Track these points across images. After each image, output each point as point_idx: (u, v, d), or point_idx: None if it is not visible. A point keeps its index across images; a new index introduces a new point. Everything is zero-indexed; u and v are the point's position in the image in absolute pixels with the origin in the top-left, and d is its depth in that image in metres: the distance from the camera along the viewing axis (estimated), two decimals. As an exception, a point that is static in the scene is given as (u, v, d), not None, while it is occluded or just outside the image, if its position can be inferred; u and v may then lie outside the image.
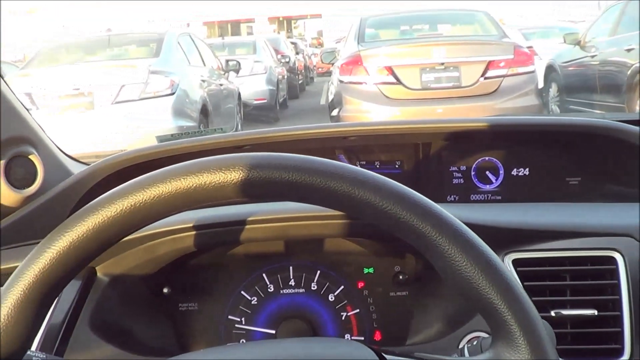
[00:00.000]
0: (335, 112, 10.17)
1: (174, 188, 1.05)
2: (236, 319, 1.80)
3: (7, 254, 1.81)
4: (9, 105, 1.90)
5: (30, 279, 1.06)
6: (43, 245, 1.08)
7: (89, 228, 1.06)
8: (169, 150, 2.10)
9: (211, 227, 1.69)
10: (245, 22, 53.49)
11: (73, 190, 2.01)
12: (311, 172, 1.04)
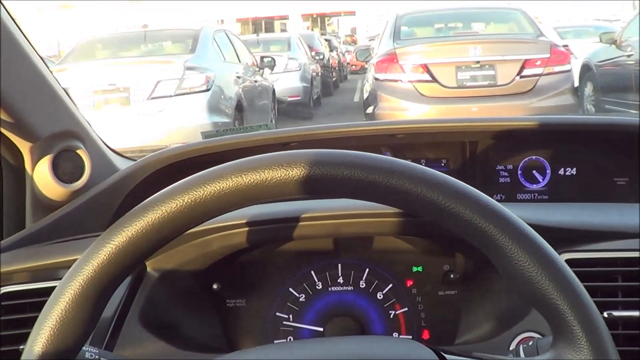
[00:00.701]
0: (370, 110, 10.16)
1: (234, 184, 1.05)
2: (284, 316, 1.79)
3: (55, 248, 1.82)
4: (58, 99, 1.91)
5: (88, 275, 1.06)
6: (101, 241, 1.07)
7: (147, 224, 1.06)
8: (215, 146, 2.10)
9: (264, 223, 1.68)
10: (278, 19, 53.58)
11: (121, 185, 2.01)
12: (372, 169, 1.03)
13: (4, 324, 1.64)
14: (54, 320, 1.06)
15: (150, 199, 1.08)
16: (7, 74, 1.72)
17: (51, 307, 1.07)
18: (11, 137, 1.84)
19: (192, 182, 1.07)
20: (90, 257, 1.07)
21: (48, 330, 1.06)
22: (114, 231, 1.07)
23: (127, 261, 1.08)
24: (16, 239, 1.86)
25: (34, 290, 1.67)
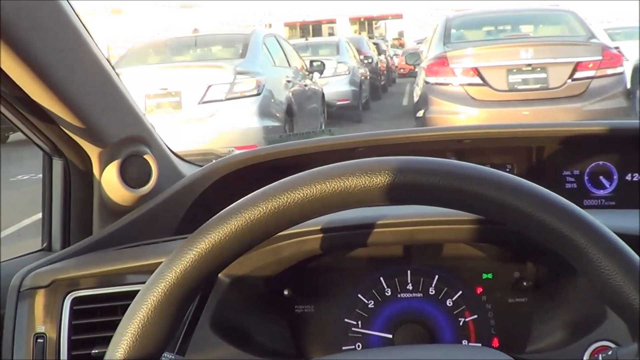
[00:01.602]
0: (420, 113, 10.13)
1: (318, 191, 1.04)
2: (352, 322, 1.78)
3: (124, 254, 1.83)
4: (126, 104, 1.92)
5: (171, 280, 1.07)
6: (185, 247, 1.08)
7: (231, 230, 1.06)
8: (281, 151, 2.10)
9: (338, 230, 1.68)
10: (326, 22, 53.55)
11: (189, 191, 2.03)
12: (459, 177, 1.03)
13: (74, 328, 1.66)
14: (137, 325, 1.07)
15: (234, 205, 1.08)
16: (79, 79, 1.73)
17: (134, 312, 1.08)
18: (81, 143, 1.85)
19: (276, 189, 1.07)
20: (173, 263, 1.07)
21: (130, 336, 1.07)
22: (197, 237, 1.08)
23: (210, 267, 1.08)
24: (85, 244, 1.87)
25: (104, 294, 1.68)
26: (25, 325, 1.66)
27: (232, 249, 1.08)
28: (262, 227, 1.07)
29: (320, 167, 1.08)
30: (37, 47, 1.58)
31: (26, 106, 1.72)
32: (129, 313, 1.08)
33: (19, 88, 1.64)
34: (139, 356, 1.07)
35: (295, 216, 1.07)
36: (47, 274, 1.69)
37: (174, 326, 1.10)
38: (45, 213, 2.04)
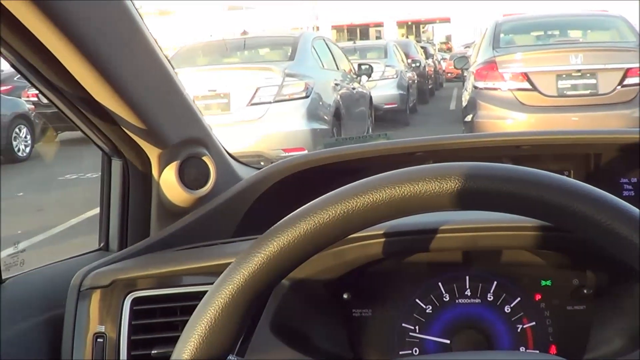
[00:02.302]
0: (469, 118, 10.10)
1: (387, 196, 1.04)
2: (410, 327, 1.77)
3: (182, 255, 1.84)
4: (186, 106, 1.93)
5: (239, 283, 1.07)
6: (253, 249, 1.08)
7: (300, 233, 1.06)
8: (340, 155, 2.10)
9: (402, 234, 1.67)
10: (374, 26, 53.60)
11: (247, 193, 2.03)
12: (530, 184, 1.02)
13: (134, 328, 1.67)
14: (204, 327, 1.07)
15: (304, 208, 1.08)
16: (143, 81, 1.75)
17: (201, 314, 1.08)
18: (141, 144, 1.87)
19: (345, 192, 1.07)
20: (242, 265, 1.08)
21: (197, 337, 1.07)
22: (266, 240, 1.08)
23: (277, 270, 1.08)
24: (144, 245, 1.88)
25: (164, 295, 1.69)
26: (85, 324, 1.67)
27: (301, 252, 1.08)
28: (330, 230, 1.07)
29: (390, 171, 1.08)
30: (104, 48, 1.59)
31: (89, 107, 1.74)
32: (196, 314, 1.08)
33: (83, 89, 1.66)
34: (204, 358, 1.07)
35: (364, 220, 1.07)
36: (108, 274, 1.70)
37: (241, 329, 1.10)
38: (103, 213, 2.06)
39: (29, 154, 14.62)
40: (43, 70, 1.63)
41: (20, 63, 1.62)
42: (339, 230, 1.08)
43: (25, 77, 1.69)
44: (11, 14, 1.43)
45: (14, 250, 1.88)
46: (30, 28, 1.47)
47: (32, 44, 1.52)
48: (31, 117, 14.99)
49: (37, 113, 15.51)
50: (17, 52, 1.57)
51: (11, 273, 1.80)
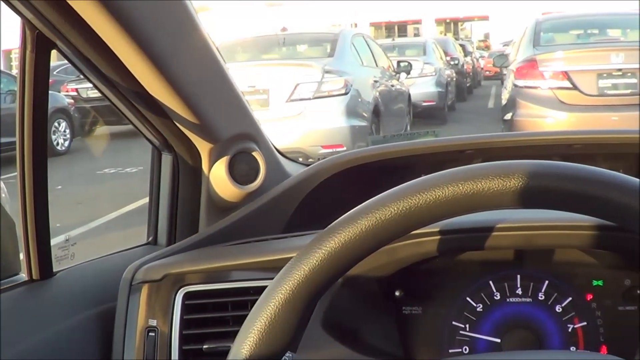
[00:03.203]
0: (508, 116, 10.04)
1: (450, 193, 1.03)
2: (460, 325, 1.76)
3: (236, 250, 1.84)
4: (238, 101, 1.94)
5: (299, 279, 1.06)
6: (313, 245, 1.07)
7: (361, 230, 1.06)
8: (389, 152, 2.09)
9: (457, 232, 1.66)
10: (412, 23, 53.46)
11: (297, 190, 2.03)
12: (595, 183, 1.01)
13: (185, 322, 1.67)
14: (264, 322, 1.07)
15: (365, 205, 1.08)
16: (197, 76, 1.75)
17: (261, 310, 1.08)
18: (192, 138, 1.87)
19: (407, 189, 1.06)
20: (302, 261, 1.07)
21: (257, 333, 1.07)
22: (327, 235, 1.07)
23: (338, 267, 1.08)
24: (195, 240, 1.89)
25: (216, 290, 1.69)
26: (137, 318, 1.67)
27: (361, 249, 1.07)
28: (392, 227, 1.06)
29: (452, 169, 1.07)
30: (160, 42, 1.60)
31: (142, 101, 1.74)
32: (256, 309, 1.08)
33: (138, 83, 1.67)
34: (264, 353, 1.06)
35: (426, 218, 1.06)
36: (159, 268, 1.71)
37: (300, 325, 1.10)
38: (152, 207, 2.06)
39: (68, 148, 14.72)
40: (99, 63, 1.64)
41: (76, 56, 1.63)
42: (400, 227, 1.07)
43: (80, 70, 1.70)
44: (71, 8, 1.44)
45: (65, 243, 1.88)
46: (89, 22, 1.48)
47: (90, 37, 1.53)
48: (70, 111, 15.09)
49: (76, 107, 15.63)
50: (74, 46, 1.57)
51: (62, 266, 1.81)
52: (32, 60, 1.54)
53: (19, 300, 1.65)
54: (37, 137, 1.59)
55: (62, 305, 1.70)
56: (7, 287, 1.65)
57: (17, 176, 1.60)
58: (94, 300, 1.76)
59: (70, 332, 1.65)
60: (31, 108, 1.56)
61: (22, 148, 1.58)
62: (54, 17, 1.48)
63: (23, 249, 1.66)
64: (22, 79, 1.55)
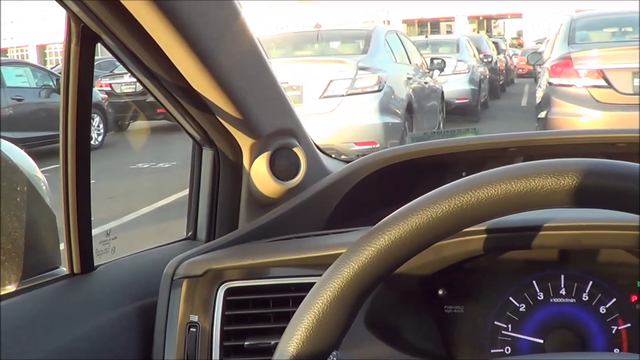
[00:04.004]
0: (542, 115, 9.97)
1: (502, 191, 1.01)
2: (502, 325, 1.74)
3: (277, 246, 1.83)
4: (280, 97, 1.93)
5: (348, 276, 1.05)
6: (362, 242, 1.06)
7: (411, 227, 1.04)
8: (431, 149, 2.07)
9: (504, 231, 1.64)
10: (444, 20, 53.38)
11: (338, 186, 2.02)
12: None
13: (227, 319, 1.66)
14: (311, 320, 1.05)
15: (416, 202, 1.06)
16: (241, 71, 1.75)
17: (308, 307, 1.06)
18: (234, 133, 1.86)
19: (458, 187, 1.04)
20: (351, 258, 1.06)
21: (304, 330, 1.05)
22: (377, 232, 1.06)
23: (387, 265, 1.06)
24: (235, 236, 1.88)
25: (258, 286, 1.68)
26: (178, 314, 1.67)
27: (411, 247, 1.06)
28: (443, 225, 1.04)
29: (505, 166, 1.05)
30: (205, 37, 1.60)
31: (186, 95, 1.74)
32: (304, 306, 1.07)
33: (182, 77, 1.67)
34: (311, 351, 1.05)
35: (477, 216, 1.04)
36: (201, 264, 1.70)
37: (348, 323, 1.08)
38: (191, 202, 2.06)
39: (102, 143, 14.84)
40: (143, 57, 1.64)
41: (120, 50, 1.63)
42: (451, 225, 1.05)
43: (124, 63, 1.70)
44: (117, 2, 1.44)
45: (106, 236, 1.88)
46: (135, 16, 1.48)
47: (136, 31, 1.53)
48: (104, 106, 15.21)
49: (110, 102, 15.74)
50: (119, 39, 1.57)
51: (102, 260, 1.81)
52: (76, 53, 1.53)
53: (60, 294, 1.65)
54: (81, 130, 1.58)
55: (103, 300, 1.70)
56: (48, 280, 1.65)
57: (60, 169, 1.60)
58: (134, 295, 1.75)
59: (111, 326, 1.65)
60: (75, 101, 1.56)
61: (66, 141, 1.58)
62: (99, 10, 1.48)
63: (64, 242, 1.66)
64: (66, 73, 1.55)
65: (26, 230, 1.65)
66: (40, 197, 1.72)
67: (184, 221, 2.11)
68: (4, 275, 1.62)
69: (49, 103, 14.63)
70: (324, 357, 1.09)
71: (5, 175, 1.62)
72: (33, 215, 1.68)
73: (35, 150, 9.18)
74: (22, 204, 1.65)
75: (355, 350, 1.59)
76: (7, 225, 1.61)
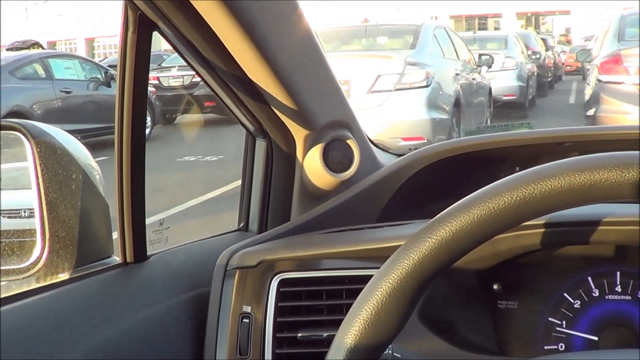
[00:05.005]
0: (591, 112, 9.88)
1: (567, 184, 0.99)
2: (557, 322, 1.72)
3: (331, 238, 1.82)
4: (335, 88, 1.92)
5: (408, 267, 1.04)
6: (423, 234, 1.05)
7: (472, 219, 1.03)
8: (484, 143, 2.05)
9: (562, 225, 1.61)
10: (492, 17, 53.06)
11: (391, 179, 2.00)
12: None
13: (280, 310, 1.65)
14: (370, 311, 1.05)
15: (477, 194, 1.05)
16: (298, 61, 1.74)
17: (367, 298, 1.05)
18: (288, 125, 1.86)
19: (521, 179, 1.03)
20: (410, 250, 1.04)
21: (362, 322, 1.04)
22: (437, 224, 1.04)
23: (447, 257, 1.05)
24: (288, 227, 1.88)
25: (311, 278, 1.68)
26: (231, 304, 1.67)
27: (472, 239, 1.05)
28: (505, 218, 1.03)
29: (567, 159, 1.03)
30: (263, 27, 1.59)
31: (241, 85, 1.74)
32: (363, 297, 1.06)
33: (239, 67, 1.66)
34: (369, 343, 1.04)
35: (540, 208, 1.03)
36: (255, 254, 1.70)
37: (407, 315, 1.07)
38: (244, 193, 2.05)
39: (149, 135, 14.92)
40: (200, 46, 1.64)
41: (177, 38, 1.62)
42: (513, 217, 1.04)
43: (180, 52, 1.70)
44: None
45: (159, 226, 1.88)
46: (193, 4, 1.47)
47: (193, 19, 1.53)
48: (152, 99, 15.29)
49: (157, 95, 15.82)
50: (176, 27, 1.57)
51: (155, 250, 1.81)
52: (133, 41, 1.53)
53: (114, 283, 1.65)
54: (136, 118, 1.58)
55: (156, 289, 1.70)
56: (101, 269, 1.66)
57: (115, 157, 1.60)
58: (186, 285, 1.75)
59: (163, 316, 1.65)
60: (131, 89, 1.55)
61: (121, 129, 1.58)
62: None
63: (118, 231, 1.67)
64: (122, 61, 1.55)
65: (80, 219, 1.65)
66: (94, 186, 1.72)
67: (231, 214, 2.11)
68: (57, 263, 1.62)
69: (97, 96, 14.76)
70: (381, 349, 1.08)
71: (62, 163, 1.63)
72: (87, 203, 1.68)
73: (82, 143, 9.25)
74: (77, 192, 1.65)
75: (407, 343, 1.57)
76: (62, 212, 1.62)
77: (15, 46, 18.80)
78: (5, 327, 1.36)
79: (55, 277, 1.62)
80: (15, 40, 21.35)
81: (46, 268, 1.61)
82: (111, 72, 15.10)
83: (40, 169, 1.59)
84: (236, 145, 2.08)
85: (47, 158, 1.60)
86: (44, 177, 1.59)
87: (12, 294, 1.46)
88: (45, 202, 1.59)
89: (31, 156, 1.60)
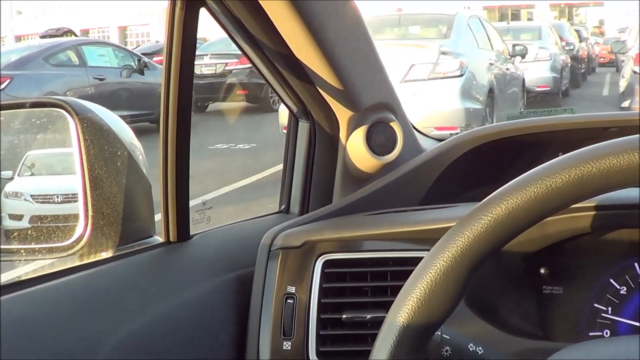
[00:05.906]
0: (626, 104, 9.83)
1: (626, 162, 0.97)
2: (602, 308, 1.69)
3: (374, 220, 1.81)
4: (381, 70, 1.91)
5: (462, 246, 1.02)
6: (477, 212, 1.03)
7: (529, 197, 1.01)
8: (527, 127, 2.03)
9: (614, 208, 1.59)
10: (525, 7, 52.74)
11: (434, 163, 1.98)
12: None
13: (324, 291, 1.64)
14: (423, 290, 1.03)
15: (533, 172, 1.03)
16: (346, 42, 1.74)
17: (420, 277, 1.04)
18: (333, 106, 1.85)
19: (578, 156, 1.00)
20: (465, 228, 1.03)
21: (415, 301, 1.03)
22: (492, 202, 1.03)
23: (501, 236, 1.03)
24: (331, 210, 1.86)
25: (356, 259, 1.66)
26: (275, 284, 1.66)
27: (528, 218, 1.03)
28: (561, 196, 1.01)
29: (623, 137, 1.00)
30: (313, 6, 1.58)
31: (288, 65, 1.73)
32: (415, 276, 1.04)
33: (286, 46, 1.65)
34: (421, 322, 1.03)
35: (598, 187, 1.00)
36: (299, 235, 1.69)
37: (459, 296, 1.05)
38: (286, 175, 2.04)
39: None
40: (248, 24, 1.63)
41: (225, 16, 1.61)
42: (569, 196, 1.01)
43: (227, 30, 1.69)
44: None
45: (202, 206, 1.88)
46: None
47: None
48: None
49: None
50: (224, 4, 1.56)
51: (198, 230, 1.80)
52: (181, 17, 1.52)
53: (158, 261, 1.65)
54: (182, 96, 1.58)
55: (199, 269, 1.69)
56: (145, 247, 1.65)
57: (160, 137, 1.60)
58: (229, 265, 1.75)
59: (207, 295, 1.65)
60: (178, 67, 1.55)
61: (167, 107, 1.57)
62: None
63: (162, 209, 1.66)
64: (169, 37, 1.54)
65: (124, 197, 1.65)
66: (138, 165, 1.72)
67: (264, 201, 2.10)
68: (101, 241, 1.62)
69: (130, 83, 14.78)
70: (433, 329, 1.07)
71: (108, 140, 1.62)
72: (131, 182, 1.68)
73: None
74: (122, 169, 1.65)
75: (456, 327, 1.56)
76: (107, 189, 1.61)
77: (49, 33, 18.82)
78: (50, 303, 1.36)
79: (98, 255, 1.61)
80: (49, 27, 21.42)
81: (89, 246, 1.61)
82: (144, 60, 15.11)
83: (85, 146, 1.58)
84: (268, 134, 2.07)
85: (92, 134, 1.59)
86: (88, 154, 1.58)
87: (54, 271, 1.46)
88: (89, 178, 1.59)
89: (75, 133, 1.60)
